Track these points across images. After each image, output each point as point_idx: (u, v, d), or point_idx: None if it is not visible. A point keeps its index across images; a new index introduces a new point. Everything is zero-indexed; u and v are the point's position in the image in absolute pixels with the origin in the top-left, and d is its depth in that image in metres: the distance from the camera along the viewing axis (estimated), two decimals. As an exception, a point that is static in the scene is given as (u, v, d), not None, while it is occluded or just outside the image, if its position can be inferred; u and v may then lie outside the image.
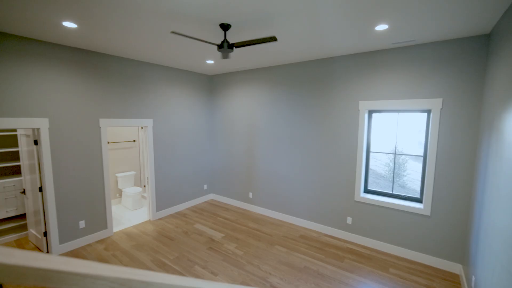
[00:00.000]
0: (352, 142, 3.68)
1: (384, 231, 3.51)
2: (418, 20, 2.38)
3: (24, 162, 3.55)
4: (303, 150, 4.19)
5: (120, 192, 5.46)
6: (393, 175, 3.93)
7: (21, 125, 2.97)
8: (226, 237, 3.90)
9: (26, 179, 3.54)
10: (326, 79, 3.85)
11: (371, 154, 3.71)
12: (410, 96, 3.18)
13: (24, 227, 3.88)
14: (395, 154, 3.69)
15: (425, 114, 3.21)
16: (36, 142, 3.19)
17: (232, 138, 5.20)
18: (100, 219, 3.79)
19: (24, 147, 3.49)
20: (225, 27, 2.52)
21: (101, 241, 3.73)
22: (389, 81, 3.31)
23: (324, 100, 3.90)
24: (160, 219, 4.58)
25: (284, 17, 2.33)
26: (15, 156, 3.91)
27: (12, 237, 3.69)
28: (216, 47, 3.26)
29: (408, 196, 3.43)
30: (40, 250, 3.44)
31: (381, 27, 2.55)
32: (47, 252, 3.37)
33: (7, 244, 3.59)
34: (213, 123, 5.54)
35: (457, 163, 2.95)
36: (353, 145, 3.67)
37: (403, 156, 4.05)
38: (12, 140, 3.88)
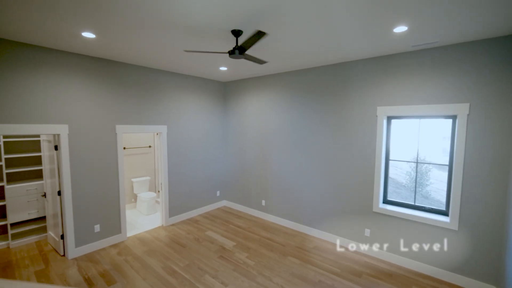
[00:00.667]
0: (370, 149, 3.51)
1: (406, 246, 3.27)
2: (440, 20, 2.23)
3: (45, 167, 3.70)
4: (317, 158, 4.06)
5: (135, 197, 5.56)
6: (415, 184, 3.69)
7: (43, 131, 3.10)
8: (238, 246, 3.81)
9: (47, 183, 3.68)
10: (341, 84, 3.72)
11: (390, 162, 3.51)
12: (433, 101, 2.98)
13: (44, 229, 4.02)
14: (417, 162, 3.46)
15: (450, 120, 2.99)
16: (56, 148, 3.32)
17: (245, 145, 5.16)
18: (115, 224, 3.85)
19: (46, 152, 3.65)
20: (236, 33, 2.50)
21: (115, 246, 3.77)
22: (409, 85, 3.13)
23: (339, 106, 3.76)
24: (172, 225, 4.59)
25: (296, 20, 2.27)
26: (38, 160, 4.09)
27: (33, 238, 3.83)
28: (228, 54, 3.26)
29: (432, 208, 3.18)
30: (57, 252, 3.54)
31: (400, 29, 2.42)
32: (63, 255, 3.46)
33: (28, 246, 3.72)
34: (226, 129, 5.54)
35: (488, 173, 2.70)
36: (371, 152, 3.49)
37: (425, 165, 3.80)
38: (36, 145, 4.07)
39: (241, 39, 2.71)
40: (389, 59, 3.26)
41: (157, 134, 5.35)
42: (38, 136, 4.01)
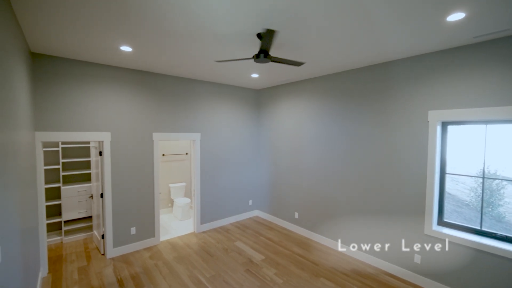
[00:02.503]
0: (419, 160, 3.00)
1: (469, 280, 2.65)
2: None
3: (93, 171, 4.07)
4: (356, 170, 3.65)
5: (172, 202, 5.79)
6: (482, 204, 3.02)
7: (90, 138, 3.41)
8: (266, 260, 3.60)
9: (94, 185, 4.03)
10: (383, 87, 3.31)
11: (448, 176, 2.94)
12: (504, 102, 2.41)
13: (90, 228, 4.40)
14: (483, 177, 2.83)
15: (531, 126, 2.37)
16: (100, 153, 3.62)
17: (278, 153, 4.98)
18: (149, 227, 4.00)
19: (93, 157, 4.01)
20: (262, 37, 2.39)
21: (148, 249, 3.91)
22: (471, 84, 2.60)
23: (381, 112, 3.34)
24: (203, 232, 4.60)
25: (327, 18, 2.06)
26: (88, 165, 4.54)
27: (81, 236, 4.22)
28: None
29: (508, 237, 2.54)
30: (99, 251, 3.81)
31: (455, 16, 2.01)
32: (103, 254, 3.70)
33: (77, 242, 4.10)
34: (259, 137, 5.44)
35: None
36: (421, 164, 2.99)
37: (497, 180, 3.09)
38: (86, 151, 4.53)
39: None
40: (443, 55, 2.78)
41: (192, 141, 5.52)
42: (88, 142, 4.46)
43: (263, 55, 2.34)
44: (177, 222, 5.13)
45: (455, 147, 2.92)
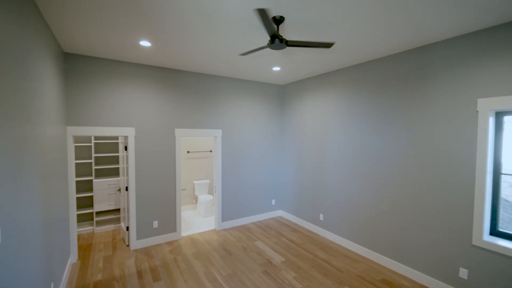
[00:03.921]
0: (466, 158, 2.56)
1: (533, 305, 2.16)
2: None
3: (121, 165, 4.26)
4: (389, 168, 3.27)
5: (196, 199, 5.86)
6: (551, 213, 2.46)
7: (116, 133, 3.55)
8: (286, 263, 3.39)
9: (121, 179, 4.21)
10: (420, 74, 2.90)
11: (503, 177, 2.46)
12: None
13: (119, 220, 4.62)
14: (553, 180, 2.29)
15: None
16: (126, 148, 3.76)
17: (302, 151, 4.73)
18: (170, 222, 4.06)
19: (121, 152, 4.20)
20: (277, 20, 2.23)
21: (169, 243, 3.96)
22: (536, 64, 2.13)
23: (418, 104, 2.94)
24: (224, 229, 4.55)
25: (347, -9, 1.82)
26: (118, 160, 4.78)
27: (110, 227, 4.44)
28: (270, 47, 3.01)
29: None
30: (124, 242, 3.96)
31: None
32: (128, 245, 3.83)
33: (106, 233, 4.33)
34: (283, 135, 5.23)
35: None
36: (468, 163, 2.54)
37: None
38: (116, 146, 4.78)
39: (286, 28, 2.42)
40: (498, 31, 2.32)
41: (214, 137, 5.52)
42: (118, 138, 4.69)
43: (278, 40, 2.17)
44: (200, 219, 5.16)
45: (514, 142, 2.43)
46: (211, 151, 5.98)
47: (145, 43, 2.87)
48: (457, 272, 2.64)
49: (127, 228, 3.81)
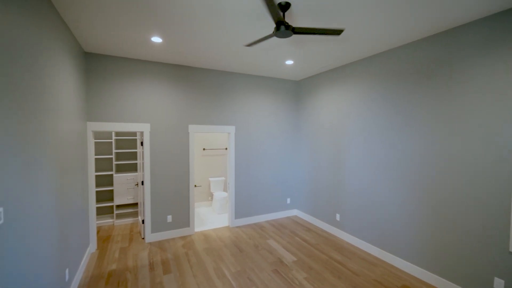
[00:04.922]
0: (501, 154, 2.26)
1: None
2: None
3: (139, 161, 4.41)
4: (412, 167, 3.01)
5: (211, 195, 5.90)
6: None
7: (132, 128, 3.68)
8: (298, 263, 3.26)
9: (139, 174, 4.36)
10: (448, 60, 2.63)
11: (546, 175, 2.13)
12: None
13: (137, 214, 4.78)
14: None
15: None
16: (142, 143, 3.87)
17: (318, 149, 4.55)
18: (184, 217, 4.11)
19: (139, 148, 4.35)
20: (283, 7, 2.14)
21: (182, 238, 4.01)
22: None
23: (446, 97, 2.67)
24: (237, 227, 4.51)
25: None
26: (136, 155, 4.96)
27: (129, 220, 4.62)
28: (276, 36, 2.91)
29: None
30: (140, 235, 4.08)
31: None
32: (143, 238, 3.94)
33: (125, 225, 4.50)
34: (299, 132, 5.08)
35: None
36: (505, 158, 2.24)
37: None
38: (136, 143, 4.96)
39: (292, 15, 2.32)
40: (539, 6, 2.02)
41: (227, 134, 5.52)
42: (136, 135, 4.87)
43: (284, 27, 2.08)
44: (214, 215, 5.19)
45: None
46: (226, 148, 5.99)
47: (156, 39, 2.93)
48: (491, 282, 2.34)
49: (143, 221, 3.93)
